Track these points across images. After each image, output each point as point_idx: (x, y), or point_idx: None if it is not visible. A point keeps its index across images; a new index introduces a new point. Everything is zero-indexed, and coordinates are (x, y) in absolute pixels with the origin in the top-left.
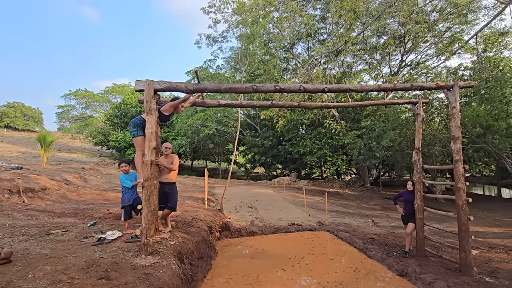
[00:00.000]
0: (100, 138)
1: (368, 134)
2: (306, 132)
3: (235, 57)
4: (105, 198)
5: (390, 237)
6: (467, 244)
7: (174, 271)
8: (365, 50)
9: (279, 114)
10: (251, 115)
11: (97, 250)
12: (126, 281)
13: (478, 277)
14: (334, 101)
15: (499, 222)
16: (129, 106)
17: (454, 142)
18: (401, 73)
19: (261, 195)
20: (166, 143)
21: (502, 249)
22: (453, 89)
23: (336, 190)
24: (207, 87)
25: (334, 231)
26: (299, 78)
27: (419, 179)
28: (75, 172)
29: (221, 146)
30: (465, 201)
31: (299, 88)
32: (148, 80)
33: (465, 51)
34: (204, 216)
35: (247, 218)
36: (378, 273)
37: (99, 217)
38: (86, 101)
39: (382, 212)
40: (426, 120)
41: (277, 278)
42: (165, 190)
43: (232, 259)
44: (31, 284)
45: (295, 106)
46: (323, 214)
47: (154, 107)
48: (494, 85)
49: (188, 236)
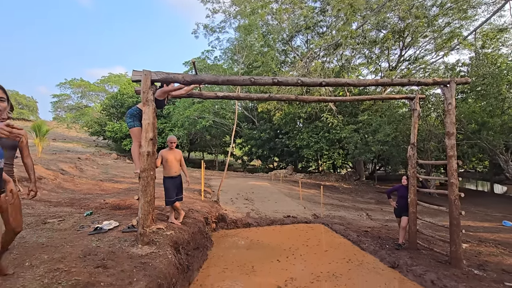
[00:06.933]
0: (96, 128)
1: (364, 129)
2: (303, 125)
3: (233, 48)
4: (101, 188)
5: (384, 230)
6: (458, 237)
7: (170, 260)
8: (364, 44)
9: (277, 107)
10: (249, 107)
11: (94, 239)
12: (122, 269)
13: (467, 269)
14: (331, 95)
15: (490, 217)
16: (125, 96)
17: (448, 138)
18: (399, 68)
19: (258, 188)
20: (172, 137)
21: (491, 243)
22: (450, 85)
23: (332, 184)
24: (205, 78)
25: (329, 224)
26: (297, 71)
27: (414, 174)
28: (71, 162)
29: (218, 138)
30: (457, 195)
31: (296, 82)
32: (145, 70)
33: (463, 47)
34: (200, 207)
35: (243, 210)
36: (370, 265)
37: (96, 207)
38: (81, 90)
39: (376, 206)
40: (422, 116)
41: (272, 268)
42: (177, 182)
43: (228, 249)
44: (28, 271)
45: (292, 100)
46: (318, 207)
47: (151, 98)
48: (491, 81)
49: (184, 226)
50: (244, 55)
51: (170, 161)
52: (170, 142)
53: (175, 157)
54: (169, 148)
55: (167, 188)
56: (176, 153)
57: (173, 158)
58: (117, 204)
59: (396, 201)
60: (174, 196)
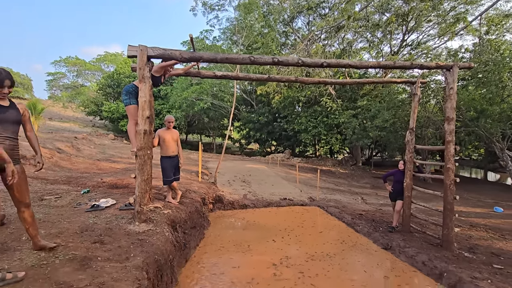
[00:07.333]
0: (93, 108)
1: (363, 114)
2: (302, 110)
3: (232, 28)
4: (98, 167)
5: (378, 213)
6: (451, 221)
7: (167, 238)
8: (367, 27)
9: (276, 90)
10: (247, 90)
11: (91, 216)
12: (120, 245)
13: (458, 252)
14: (332, 79)
15: (482, 203)
16: (122, 76)
17: (448, 123)
18: (401, 53)
19: (255, 171)
20: (169, 116)
21: (482, 227)
22: (453, 70)
23: (328, 168)
24: (203, 56)
25: (324, 207)
26: (297, 53)
27: (411, 159)
28: (67, 141)
29: (216, 120)
30: (452, 180)
31: (297, 62)
32: (141, 45)
33: (467, 32)
34: (197, 188)
35: (240, 192)
36: (363, 246)
37: (93, 185)
38: (77, 69)
39: (371, 191)
40: (421, 102)
41: (268, 247)
42: (174, 162)
43: (225, 229)
44: (25, 245)
45: (292, 81)
46: (314, 190)
47: (147, 75)
48: (493, 68)
49: (181, 206)
50: (243, 35)
51: (168, 141)
52: (168, 122)
53: (173, 137)
54: (166, 128)
55: (165, 168)
56: (173, 133)
57: (171, 138)
58: (114, 183)
59: (392, 185)
60: (172, 175)
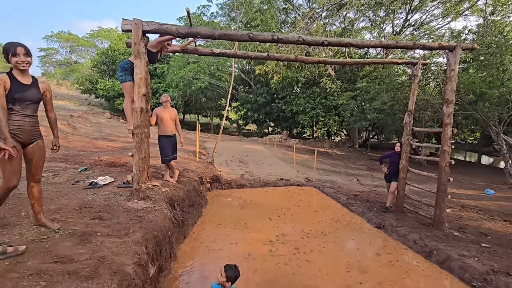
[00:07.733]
0: (88, 86)
1: (362, 96)
2: (301, 90)
3: (231, 3)
4: (95, 146)
5: (372, 194)
6: (443, 202)
7: (165, 215)
8: (370, 5)
9: (275, 69)
10: (246, 70)
11: (89, 193)
12: (118, 221)
13: (448, 231)
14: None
15: (474, 186)
16: (116, 53)
17: (447, 106)
18: (403, 34)
19: (252, 151)
20: (166, 95)
21: (473, 209)
22: (455, 51)
23: (325, 150)
24: (200, 31)
25: (320, 187)
26: (298, 32)
27: (408, 141)
28: (63, 119)
29: (214, 100)
30: (448, 163)
31: (297, 39)
32: (135, 19)
33: (472, 12)
34: (195, 168)
35: (238, 172)
36: (357, 225)
37: (90, 163)
38: (70, 44)
39: (367, 172)
40: (421, 85)
41: (264, 225)
42: (172, 141)
43: (222, 208)
44: (24, 220)
45: (292, 60)
46: (311, 171)
47: (142, 51)
48: (495, 51)
49: (179, 185)
50: (242, 11)
51: (166, 120)
52: (165, 100)
53: (170, 116)
54: (164, 107)
55: (163, 147)
56: (171, 111)
57: (169, 117)
58: (112, 162)
59: (387, 167)
60: (170, 154)
